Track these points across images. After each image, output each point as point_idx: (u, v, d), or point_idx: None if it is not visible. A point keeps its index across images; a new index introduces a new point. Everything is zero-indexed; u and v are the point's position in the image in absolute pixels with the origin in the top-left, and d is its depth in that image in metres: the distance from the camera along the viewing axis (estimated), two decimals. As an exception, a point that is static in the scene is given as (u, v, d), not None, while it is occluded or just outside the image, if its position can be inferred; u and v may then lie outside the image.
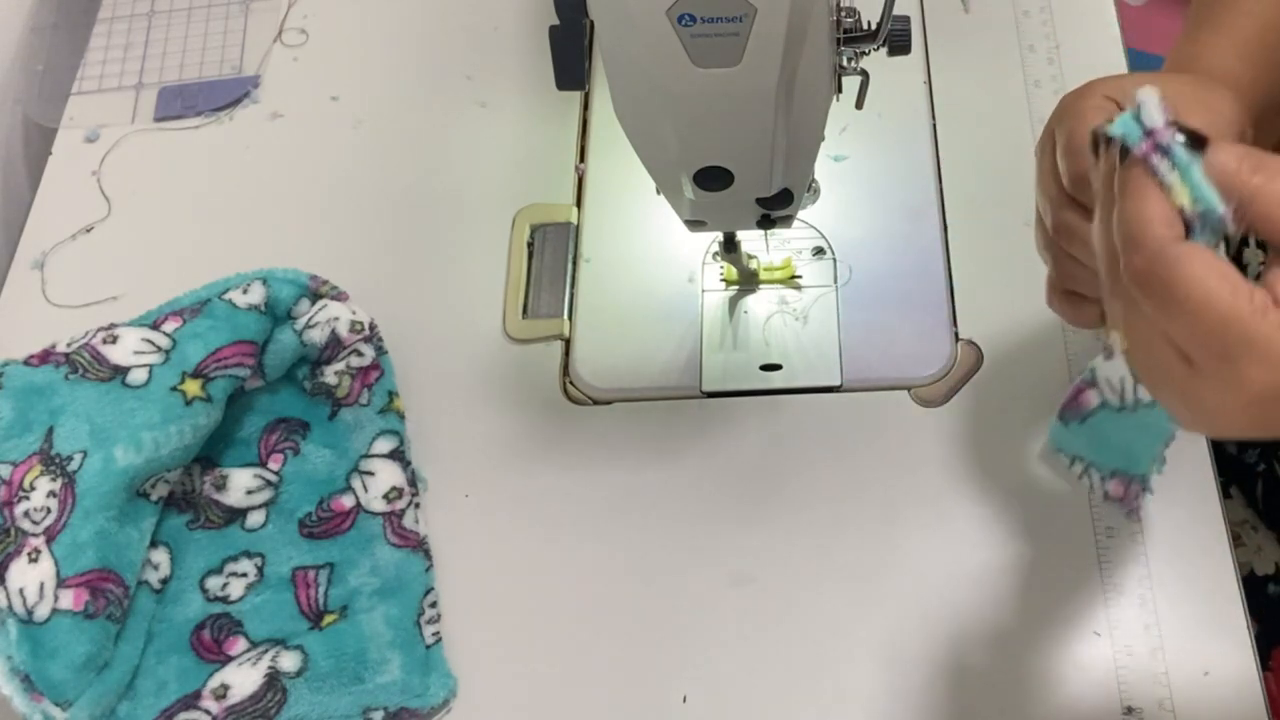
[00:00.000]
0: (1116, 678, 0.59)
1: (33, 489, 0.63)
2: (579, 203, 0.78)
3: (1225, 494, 0.79)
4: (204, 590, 0.66)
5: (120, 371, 0.66)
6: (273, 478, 0.69)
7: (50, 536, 0.62)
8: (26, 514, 0.62)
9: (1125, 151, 0.42)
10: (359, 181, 0.81)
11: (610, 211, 0.77)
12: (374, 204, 0.80)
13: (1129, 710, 0.58)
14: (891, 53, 0.56)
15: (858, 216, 0.74)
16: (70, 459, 0.63)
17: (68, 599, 0.60)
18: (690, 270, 0.74)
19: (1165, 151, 0.41)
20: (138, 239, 0.80)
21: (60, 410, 0.65)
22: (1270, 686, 0.58)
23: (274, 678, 0.62)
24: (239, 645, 0.64)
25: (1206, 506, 0.63)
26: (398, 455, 0.68)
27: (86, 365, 0.67)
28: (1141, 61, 0.77)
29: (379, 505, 0.67)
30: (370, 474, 0.68)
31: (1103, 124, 0.43)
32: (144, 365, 0.66)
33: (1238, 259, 0.77)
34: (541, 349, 0.73)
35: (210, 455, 0.69)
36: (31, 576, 0.61)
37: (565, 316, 0.74)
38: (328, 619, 0.65)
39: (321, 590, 0.66)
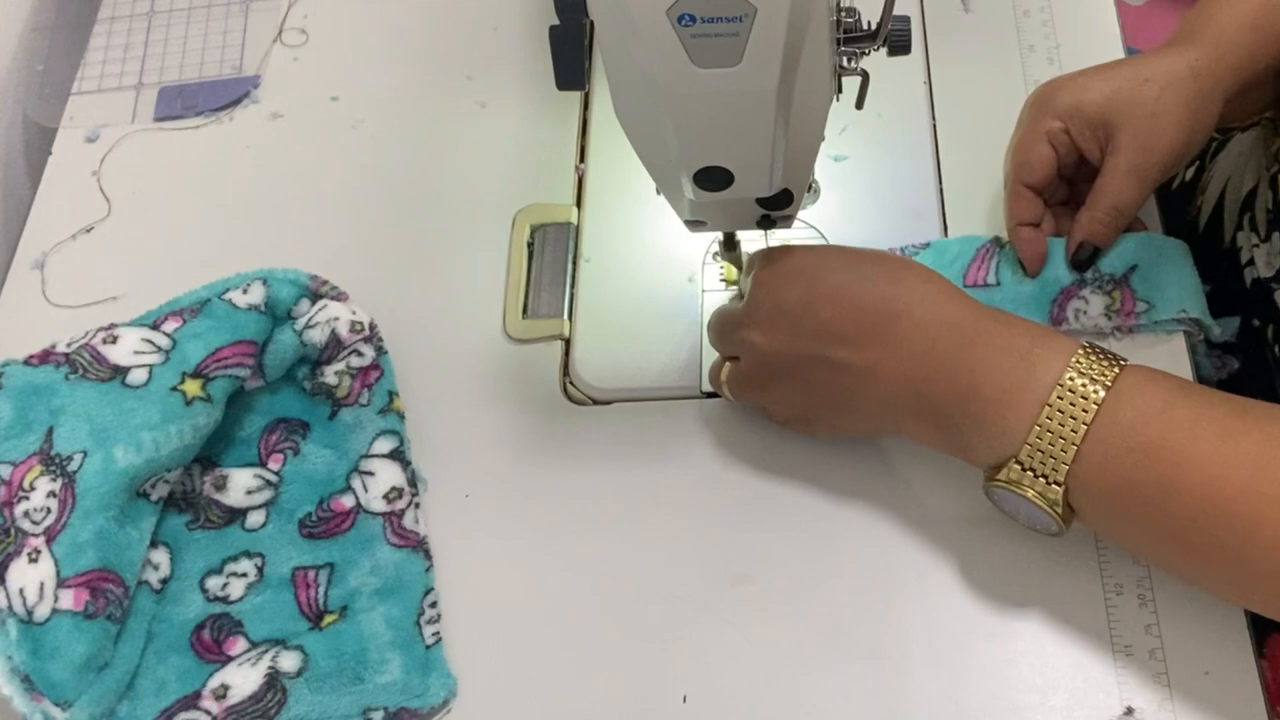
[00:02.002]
0: (1116, 678, 0.59)
1: (33, 489, 0.63)
2: (579, 203, 0.78)
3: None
4: (204, 590, 0.66)
5: (120, 371, 0.66)
6: (273, 478, 0.69)
7: (50, 536, 0.62)
8: (26, 514, 0.62)
9: None
10: (359, 181, 0.81)
11: (610, 211, 0.77)
12: (374, 204, 0.79)
13: (1129, 710, 0.58)
14: (891, 53, 0.56)
15: (858, 216, 0.74)
16: (70, 459, 0.63)
17: (68, 599, 0.60)
18: (690, 270, 0.74)
19: None
20: (138, 239, 0.80)
21: (60, 410, 0.65)
22: (1267, 675, 0.59)
23: (274, 678, 0.62)
24: (239, 645, 0.64)
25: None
26: (398, 455, 0.68)
27: (86, 365, 0.67)
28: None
29: (379, 505, 0.67)
30: (370, 474, 0.68)
31: None
32: (144, 365, 0.66)
33: (1233, 243, 0.77)
34: (541, 349, 0.73)
35: (210, 455, 0.69)
36: (31, 576, 0.61)
37: (565, 316, 0.74)
38: (328, 619, 0.65)
39: (321, 590, 0.66)
